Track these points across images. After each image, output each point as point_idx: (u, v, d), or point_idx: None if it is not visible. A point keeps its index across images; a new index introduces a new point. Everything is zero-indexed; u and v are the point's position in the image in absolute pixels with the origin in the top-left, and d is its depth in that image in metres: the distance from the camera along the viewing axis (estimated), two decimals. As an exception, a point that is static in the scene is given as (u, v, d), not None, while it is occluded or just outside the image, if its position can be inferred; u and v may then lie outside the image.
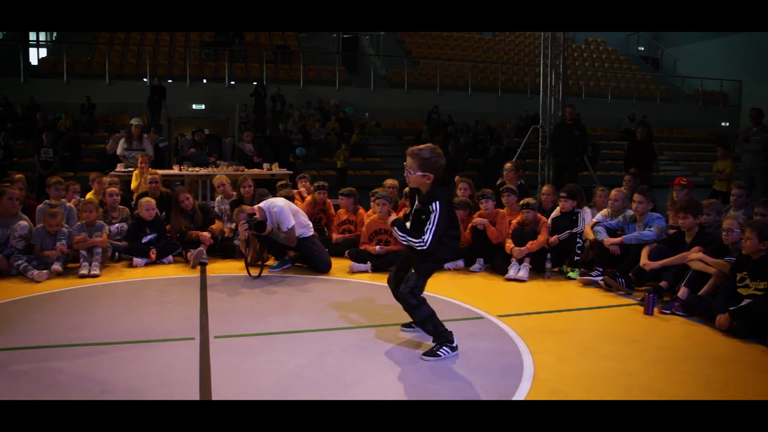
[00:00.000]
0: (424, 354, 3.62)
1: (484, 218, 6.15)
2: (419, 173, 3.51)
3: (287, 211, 5.87)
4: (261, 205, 5.95)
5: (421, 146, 3.59)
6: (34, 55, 18.27)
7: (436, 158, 3.53)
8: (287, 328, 4.22)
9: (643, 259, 5.19)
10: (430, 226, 3.46)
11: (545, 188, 6.98)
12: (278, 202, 5.97)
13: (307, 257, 6.11)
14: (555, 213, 6.23)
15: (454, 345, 3.64)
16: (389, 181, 7.18)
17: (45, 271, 5.54)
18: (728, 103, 22.98)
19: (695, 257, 4.81)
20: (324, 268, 6.00)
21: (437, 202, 3.47)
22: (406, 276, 3.68)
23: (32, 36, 18.37)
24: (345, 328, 4.24)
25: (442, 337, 3.63)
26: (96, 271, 5.68)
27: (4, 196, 5.69)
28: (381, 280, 5.31)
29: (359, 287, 5.51)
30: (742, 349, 3.91)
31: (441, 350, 3.61)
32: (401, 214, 6.64)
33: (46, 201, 6.50)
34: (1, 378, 3.27)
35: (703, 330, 4.30)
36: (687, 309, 4.62)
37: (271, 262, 6.19)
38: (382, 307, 4.70)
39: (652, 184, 8.34)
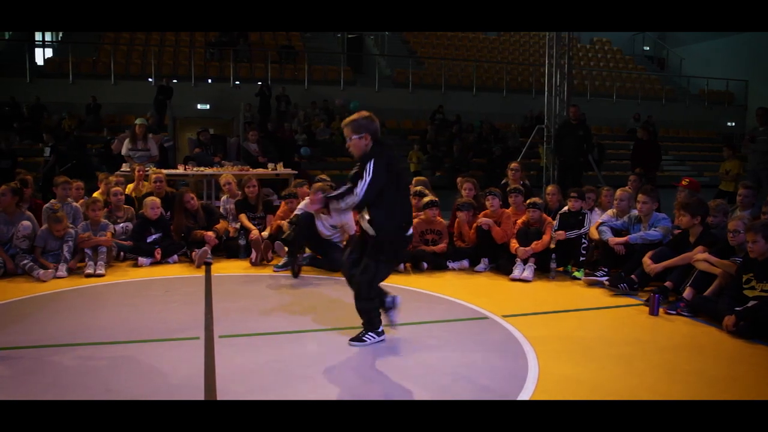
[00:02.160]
0: (352, 340, 3.83)
1: (489, 218, 6.15)
2: (355, 136, 3.60)
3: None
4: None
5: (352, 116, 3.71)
6: (40, 56, 18.29)
7: (368, 121, 3.63)
8: (292, 328, 4.23)
9: (646, 263, 5.16)
10: (364, 180, 3.49)
11: (550, 188, 6.97)
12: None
13: (326, 253, 6.11)
14: (563, 210, 6.21)
15: (379, 330, 3.85)
16: None
17: (50, 270, 5.55)
18: (734, 102, 22.84)
19: (701, 257, 4.78)
20: (339, 267, 6.00)
21: (371, 161, 3.52)
22: (362, 262, 3.70)
23: (38, 36, 18.41)
24: (350, 327, 4.23)
25: (371, 325, 3.84)
26: (101, 271, 5.70)
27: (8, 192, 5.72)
28: (386, 280, 5.31)
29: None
30: (747, 350, 3.89)
31: (366, 336, 3.83)
32: None
33: (52, 201, 6.50)
34: (4, 377, 3.29)
35: (709, 331, 4.28)
36: (692, 309, 4.60)
37: (276, 261, 6.19)
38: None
39: (657, 184, 8.31)
